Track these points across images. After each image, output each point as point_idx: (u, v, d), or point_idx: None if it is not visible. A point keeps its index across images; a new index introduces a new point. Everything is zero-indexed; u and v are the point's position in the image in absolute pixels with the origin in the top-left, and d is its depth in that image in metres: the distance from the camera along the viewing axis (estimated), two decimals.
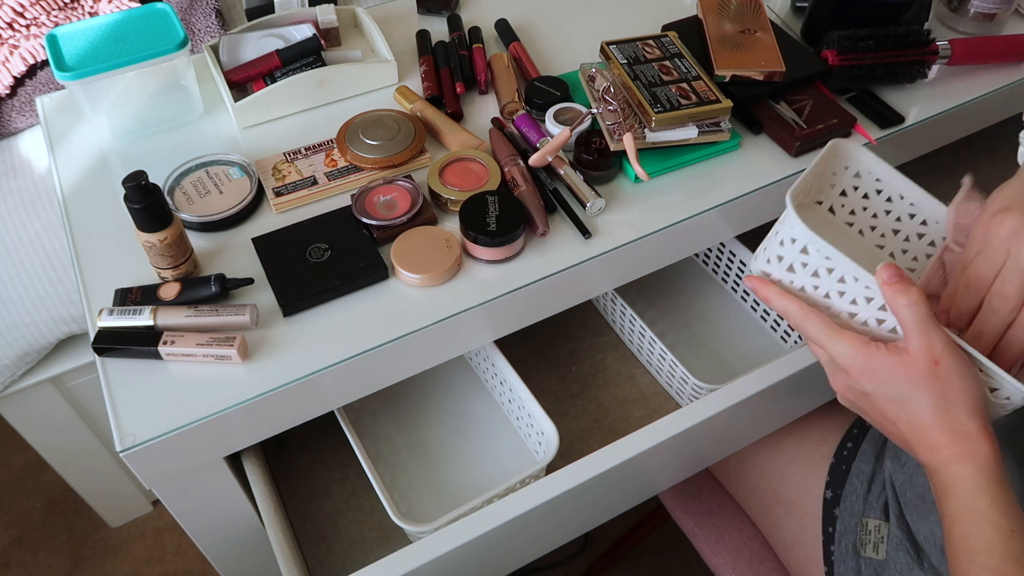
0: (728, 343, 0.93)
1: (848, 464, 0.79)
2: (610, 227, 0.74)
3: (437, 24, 0.97)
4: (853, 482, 0.78)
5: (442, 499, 0.80)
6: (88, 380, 1.16)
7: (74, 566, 1.41)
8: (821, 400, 0.83)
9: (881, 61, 0.83)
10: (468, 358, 0.91)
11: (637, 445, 0.68)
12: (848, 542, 0.75)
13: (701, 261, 1.01)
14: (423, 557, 0.61)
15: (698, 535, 0.90)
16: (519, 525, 0.65)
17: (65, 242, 1.01)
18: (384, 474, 0.82)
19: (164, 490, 0.67)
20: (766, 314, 0.93)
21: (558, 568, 1.33)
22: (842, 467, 0.79)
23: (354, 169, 0.79)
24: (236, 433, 0.65)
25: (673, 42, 0.84)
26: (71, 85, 0.77)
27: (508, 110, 0.83)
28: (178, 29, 0.79)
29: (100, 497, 1.37)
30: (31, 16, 1.14)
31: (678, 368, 0.82)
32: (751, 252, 0.89)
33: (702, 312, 0.96)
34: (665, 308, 0.97)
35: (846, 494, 0.77)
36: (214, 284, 0.67)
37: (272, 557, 0.68)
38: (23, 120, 1.13)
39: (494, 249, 0.70)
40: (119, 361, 0.65)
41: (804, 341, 0.85)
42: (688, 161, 0.79)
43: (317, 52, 0.87)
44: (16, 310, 1.04)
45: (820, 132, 0.79)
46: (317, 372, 0.64)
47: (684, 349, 0.92)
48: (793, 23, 0.96)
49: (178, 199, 0.75)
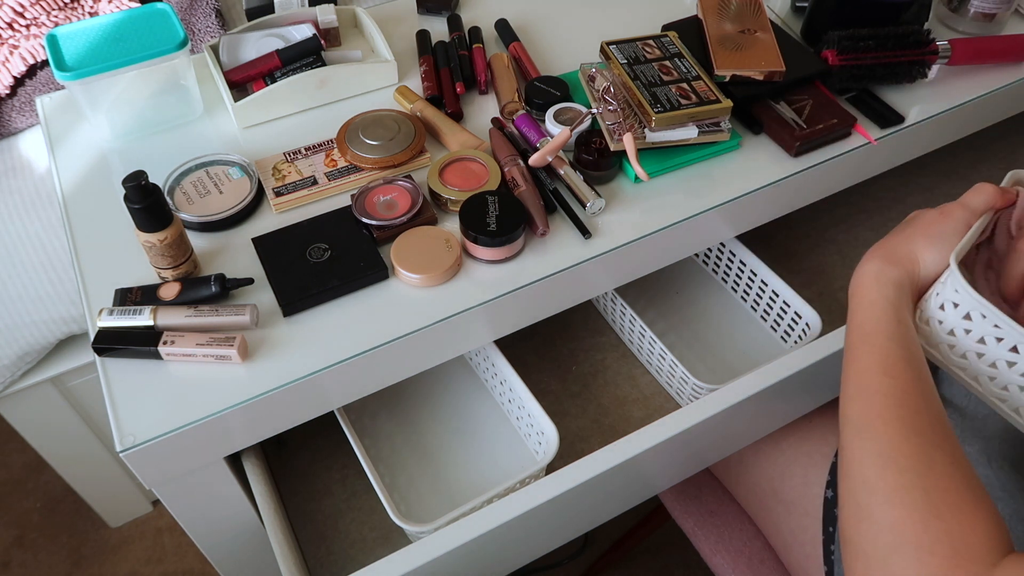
0: (728, 343, 0.93)
1: None
2: (610, 227, 0.74)
3: (437, 24, 0.97)
4: None
5: (442, 499, 0.80)
6: (88, 380, 1.16)
7: (74, 566, 1.41)
8: (822, 400, 0.83)
9: (881, 61, 0.83)
10: (468, 358, 0.91)
11: (637, 445, 0.67)
12: None
13: (701, 261, 1.01)
14: (423, 557, 0.61)
15: (698, 535, 0.90)
16: (519, 525, 0.65)
17: (65, 242, 1.01)
18: (384, 474, 0.82)
19: (164, 490, 0.67)
20: (766, 314, 0.93)
21: (558, 568, 1.33)
22: None
23: (354, 169, 0.79)
24: (236, 433, 0.65)
25: (673, 42, 0.84)
26: (71, 85, 0.77)
27: (508, 110, 0.83)
28: (178, 29, 0.79)
29: (100, 497, 1.37)
30: (31, 16, 1.14)
31: (678, 368, 0.82)
32: (751, 252, 0.90)
33: (702, 312, 0.96)
34: (665, 308, 0.97)
35: None
36: (214, 284, 0.67)
37: (272, 557, 0.68)
38: (23, 120, 1.13)
39: (494, 249, 0.70)
40: (119, 361, 0.65)
41: (804, 341, 0.85)
42: (688, 161, 0.79)
43: (317, 52, 0.87)
44: (16, 310, 1.04)
45: (820, 132, 0.79)
46: (317, 372, 0.64)
47: (684, 349, 0.92)
48: (793, 23, 0.96)
49: (178, 199, 0.75)
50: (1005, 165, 1.15)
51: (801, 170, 0.79)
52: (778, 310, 0.90)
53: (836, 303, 0.98)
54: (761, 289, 0.91)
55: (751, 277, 0.92)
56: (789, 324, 0.89)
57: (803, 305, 0.85)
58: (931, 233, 0.59)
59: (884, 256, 0.59)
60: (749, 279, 0.92)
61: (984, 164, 1.14)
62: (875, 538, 0.48)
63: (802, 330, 0.87)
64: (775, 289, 0.88)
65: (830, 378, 0.78)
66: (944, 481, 0.48)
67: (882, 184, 1.10)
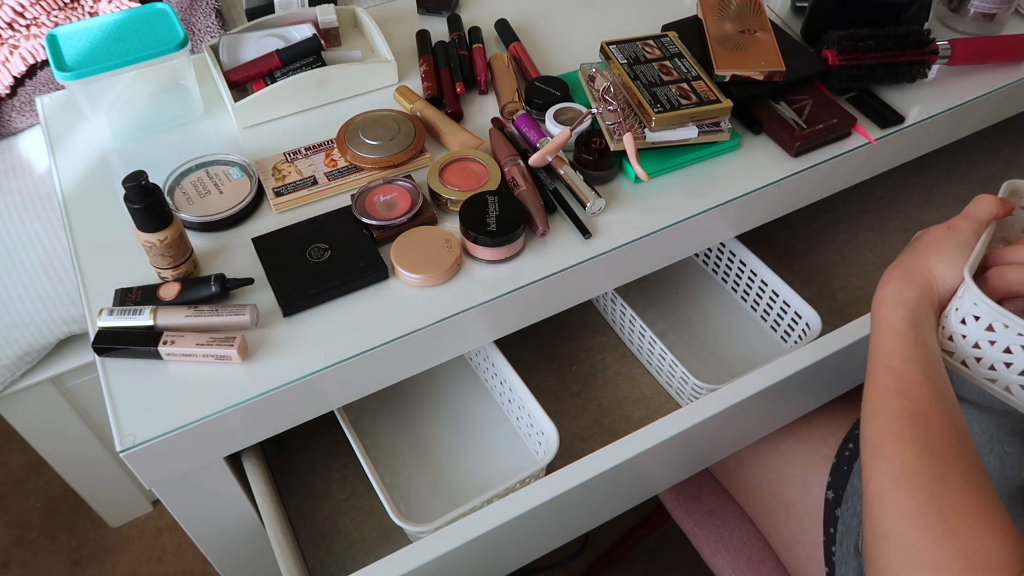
0: (728, 343, 0.93)
1: (850, 464, 0.79)
2: (610, 227, 0.74)
3: (437, 24, 0.97)
4: (855, 483, 0.77)
5: (442, 499, 0.80)
6: (88, 380, 1.16)
7: (74, 566, 1.41)
8: (822, 400, 0.83)
9: (881, 61, 0.83)
10: (468, 358, 0.91)
11: (637, 445, 0.67)
12: (850, 543, 0.75)
13: (701, 261, 1.01)
14: (423, 557, 0.61)
15: (698, 535, 0.90)
16: (519, 525, 0.65)
17: (65, 242, 1.01)
18: (384, 474, 0.82)
19: (164, 490, 0.67)
20: (766, 314, 0.93)
21: (558, 568, 1.33)
22: (844, 467, 0.79)
23: (354, 169, 0.79)
24: (236, 433, 0.65)
25: (673, 42, 0.84)
26: (71, 85, 0.77)
27: (508, 110, 0.83)
28: (178, 29, 0.79)
29: (100, 497, 1.37)
30: (31, 16, 1.14)
31: (678, 368, 0.82)
32: (751, 252, 0.90)
33: (702, 312, 0.96)
34: (665, 308, 0.97)
35: (848, 495, 0.77)
36: (214, 284, 0.67)
37: (272, 557, 0.68)
38: (23, 120, 1.14)
39: (494, 249, 0.70)
40: (119, 361, 0.65)
41: (804, 340, 0.85)
42: (688, 161, 0.79)
43: (317, 52, 0.87)
44: (16, 310, 1.04)
45: (820, 132, 0.79)
46: (317, 372, 0.64)
47: (684, 349, 0.92)
48: (793, 23, 0.96)
49: (178, 199, 0.75)
50: (1005, 165, 1.15)
51: (801, 170, 0.79)
52: (778, 310, 0.90)
53: (836, 302, 0.98)
54: (761, 289, 0.91)
55: (751, 277, 0.92)
56: (789, 324, 0.89)
57: (803, 305, 0.85)
58: (942, 247, 0.60)
59: (901, 277, 0.60)
60: (749, 279, 0.92)
61: (984, 164, 1.14)
62: (892, 557, 0.48)
63: (802, 330, 0.87)
64: (775, 289, 0.88)
65: (829, 378, 0.78)
66: (959, 500, 0.48)
67: (882, 184, 1.10)
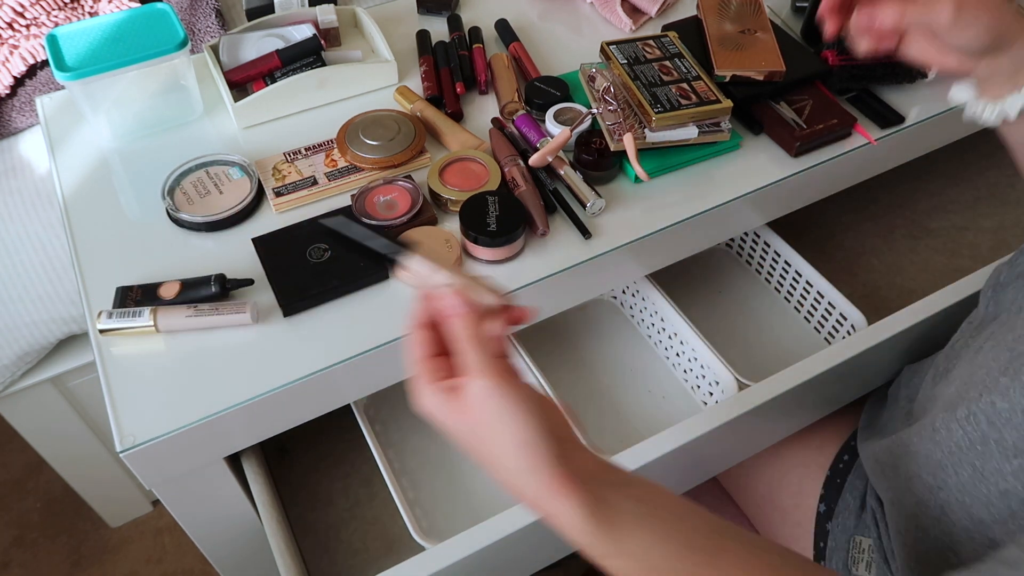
0: (764, 339, 0.92)
1: (843, 478, 0.78)
2: (610, 227, 0.74)
3: (437, 24, 0.97)
4: (847, 498, 0.77)
5: (459, 512, 0.78)
6: (88, 380, 1.15)
7: (74, 566, 1.41)
8: (829, 409, 0.83)
9: (881, 61, 0.83)
10: None
11: (647, 454, 0.67)
12: (839, 559, 0.74)
13: (735, 252, 1.01)
14: (430, 567, 0.60)
15: None
16: (527, 534, 0.64)
17: (65, 242, 1.01)
18: (407, 488, 0.80)
19: (164, 490, 0.67)
20: (799, 305, 0.92)
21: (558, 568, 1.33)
22: (837, 480, 0.79)
23: (354, 169, 0.79)
24: (236, 433, 0.65)
25: (673, 42, 0.84)
26: (71, 85, 0.77)
27: (508, 110, 0.83)
28: (178, 29, 0.79)
29: (100, 497, 1.37)
30: (31, 16, 1.14)
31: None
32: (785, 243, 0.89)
33: (742, 308, 0.95)
34: (702, 304, 0.95)
35: (839, 510, 0.77)
36: (214, 284, 0.67)
37: (272, 557, 0.68)
38: (23, 120, 1.13)
39: (494, 249, 0.70)
40: (119, 361, 0.65)
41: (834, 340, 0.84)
42: (688, 161, 0.79)
43: (317, 52, 0.87)
44: (16, 310, 1.04)
45: (820, 132, 0.79)
46: (317, 372, 0.64)
47: (722, 346, 0.84)
48: (793, 23, 0.96)
49: (178, 199, 0.75)
50: (1005, 164, 1.14)
51: (801, 170, 0.79)
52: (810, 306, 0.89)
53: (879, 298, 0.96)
54: (793, 285, 0.91)
55: (796, 277, 0.92)
56: (834, 324, 0.89)
57: (848, 305, 0.85)
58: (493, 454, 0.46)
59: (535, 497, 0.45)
60: (782, 275, 0.92)
61: (984, 164, 1.14)
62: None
63: (847, 331, 0.87)
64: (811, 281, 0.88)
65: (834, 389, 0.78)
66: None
67: (882, 183, 1.10)
